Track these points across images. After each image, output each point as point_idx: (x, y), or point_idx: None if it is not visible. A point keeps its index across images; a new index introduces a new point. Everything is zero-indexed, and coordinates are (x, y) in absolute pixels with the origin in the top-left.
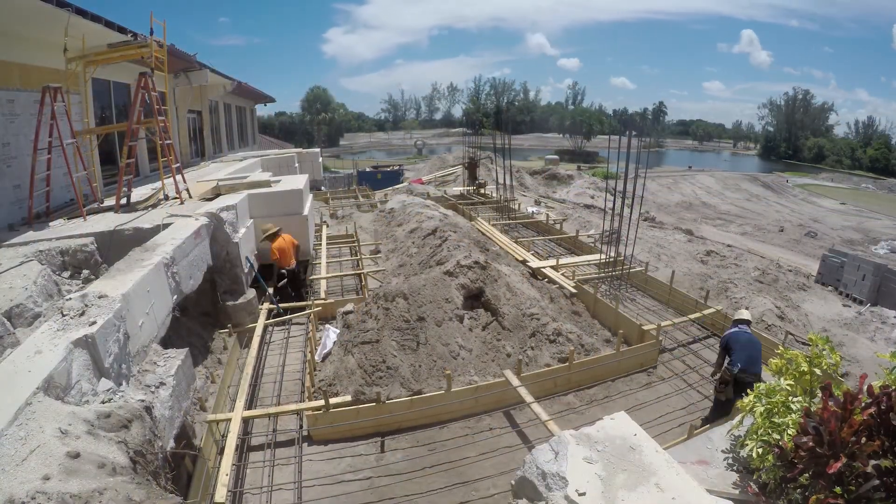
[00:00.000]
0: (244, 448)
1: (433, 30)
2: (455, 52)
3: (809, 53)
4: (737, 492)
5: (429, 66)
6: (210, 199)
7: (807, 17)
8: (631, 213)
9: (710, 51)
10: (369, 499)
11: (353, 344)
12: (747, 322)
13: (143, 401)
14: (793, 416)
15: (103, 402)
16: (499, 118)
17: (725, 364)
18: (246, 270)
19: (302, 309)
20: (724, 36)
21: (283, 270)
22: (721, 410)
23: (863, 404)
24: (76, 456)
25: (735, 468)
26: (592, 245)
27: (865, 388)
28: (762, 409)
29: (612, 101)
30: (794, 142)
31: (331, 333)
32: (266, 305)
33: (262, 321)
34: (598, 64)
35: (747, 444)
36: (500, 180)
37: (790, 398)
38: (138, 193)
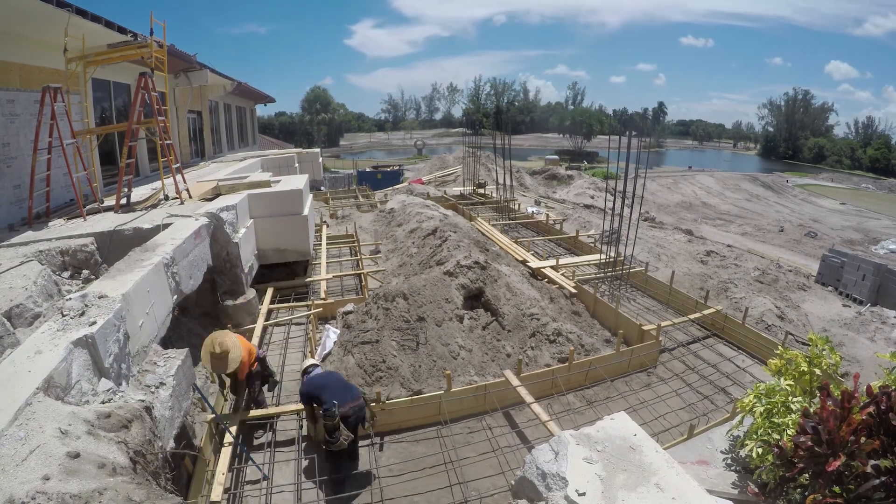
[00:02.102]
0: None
1: (472, 23)
2: (496, 46)
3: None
4: (736, 492)
5: (457, 62)
6: (210, 200)
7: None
8: (631, 214)
9: (772, 56)
10: (369, 499)
11: (353, 344)
12: None
13: (143, 401)
14: (792, 416)
15: (103, 403)
16: (499, 118)
17: None
18: (246, 271)
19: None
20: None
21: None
22: None
23: (861, 404)
24: (76, 456)
25: (735, 468)
26: (592, 245)
27: (863, 387)
28: (762, 409)
29: (643, 101)
30: (794, 142)
31: (331, 333)
32: (266, 306)
33: (261, 321)
34: (643, 63)
35: (747, 444)
36: (500, 180)
37: (790, 398)
38: (138, 193)
